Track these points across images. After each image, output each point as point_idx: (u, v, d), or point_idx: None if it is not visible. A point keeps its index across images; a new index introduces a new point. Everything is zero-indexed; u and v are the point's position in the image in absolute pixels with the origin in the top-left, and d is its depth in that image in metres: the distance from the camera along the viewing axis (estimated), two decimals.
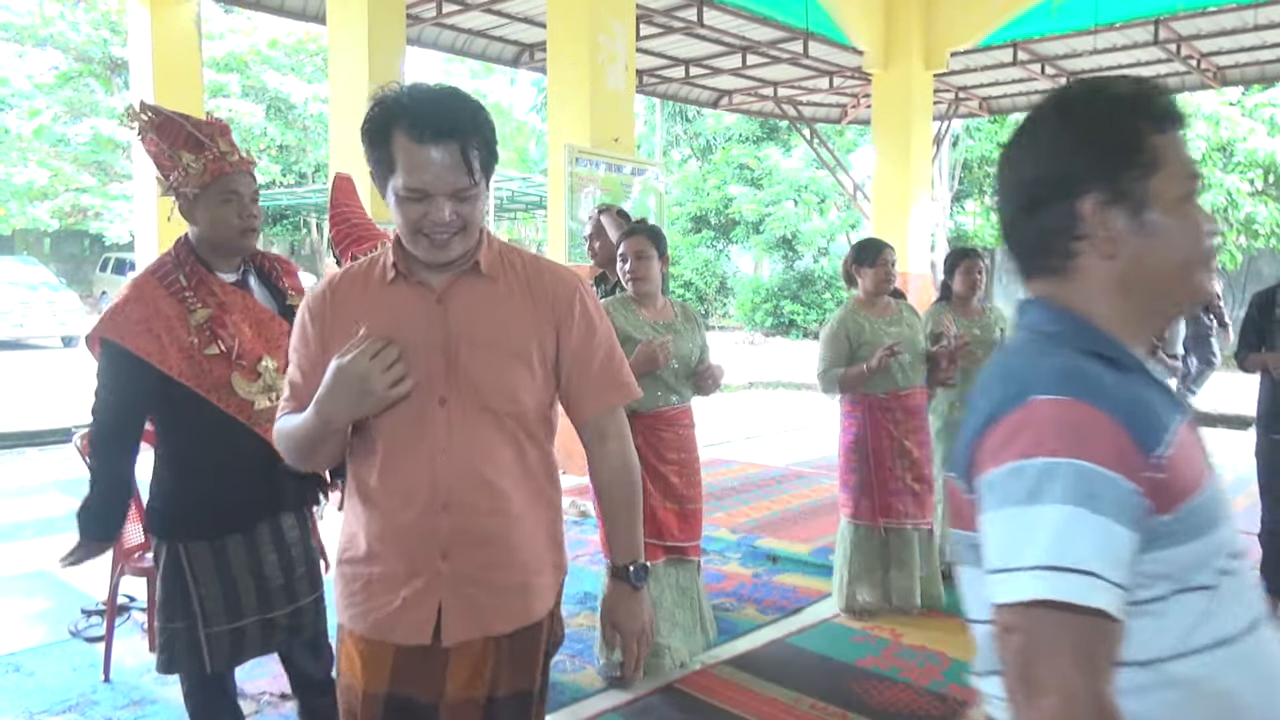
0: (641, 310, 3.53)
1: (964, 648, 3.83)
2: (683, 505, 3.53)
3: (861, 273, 4.25)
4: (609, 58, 7.33)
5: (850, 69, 11.81)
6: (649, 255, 3.49)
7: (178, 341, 2.35)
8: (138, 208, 8.37)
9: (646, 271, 3.49)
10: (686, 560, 3.60)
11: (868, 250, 4.29)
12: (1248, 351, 4.27)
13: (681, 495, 3.53)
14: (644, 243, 3.49)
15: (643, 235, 3.52)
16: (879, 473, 4.14)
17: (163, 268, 2.46)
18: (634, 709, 3.33)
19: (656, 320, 3.53)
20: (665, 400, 3.51)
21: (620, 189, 7.54)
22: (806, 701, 3.38)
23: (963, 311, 4.90)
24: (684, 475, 3.54)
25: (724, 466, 7.94)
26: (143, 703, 3.36)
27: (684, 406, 3.59)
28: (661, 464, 3.48)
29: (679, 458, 3.53)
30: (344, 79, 6.02)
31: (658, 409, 3.49)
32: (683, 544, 3.53)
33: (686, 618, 3.59)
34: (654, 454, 3.46)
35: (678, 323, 3.61)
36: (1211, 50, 11.09)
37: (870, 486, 4.16)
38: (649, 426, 3.45)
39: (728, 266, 26.49)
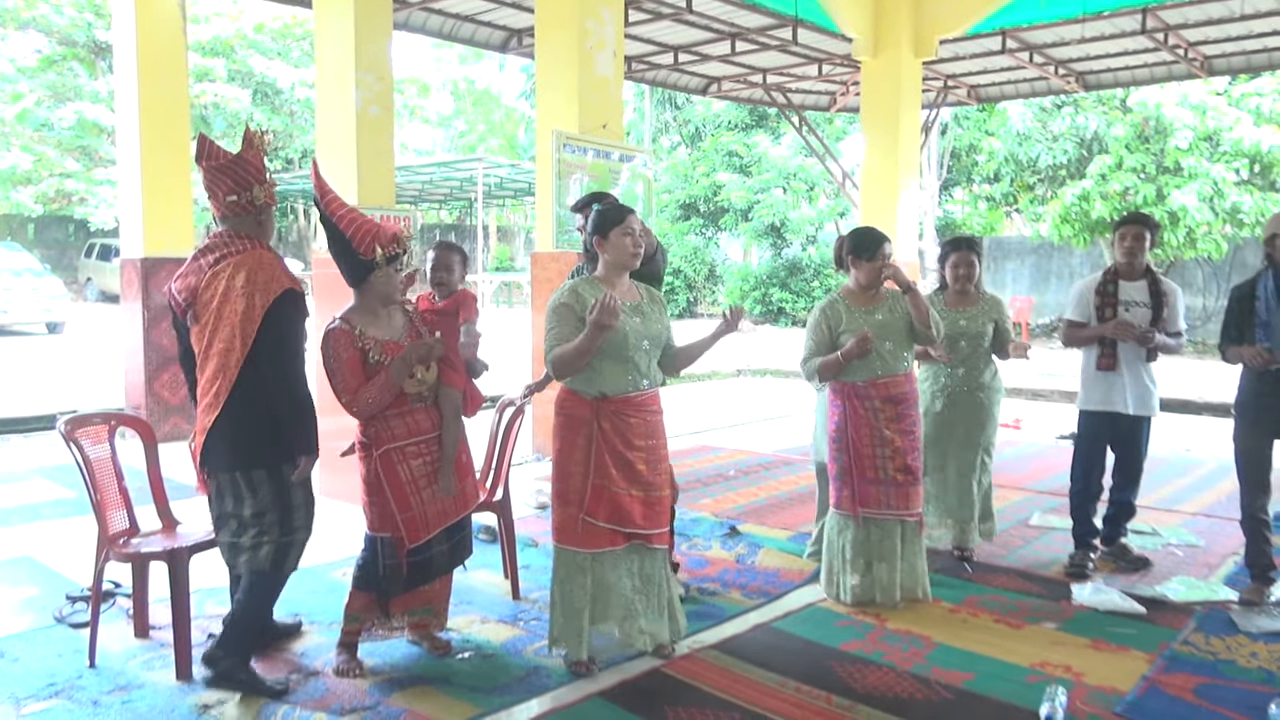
0: (610, 291, 3.46)
1: (949, 632, 3.89)
2: (648, 493, 3.47)
3: (857, 265, 4.19)
4: (597, 43, 7.30)
5: (839, 56, 11.79)
6: (649, 229, 3.54)
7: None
8: (122, 193, 8.30)
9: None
10: (651, 548, 3.54)
11: (865, 243, 4.18)
12: (1228, 343, 4.30)
13: (648, 482, 3.47)
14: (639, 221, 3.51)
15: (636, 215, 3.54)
16: (857, 461, 4.13)
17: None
18: (619, 693, 3.34)
19: (625, 301, 3.47)
20: (635, 384, 3.46)
21: (608, 175, 7.52)
22: (791, 685, 3.41)
23: (955, 302, 4.91)
24: (651, 462, 3.48)
25: (711, 453, 7.96)
26: (129, 688, 3.36)
27: (653, 391, 3.55)
28: (628, 450, 3.43)
29: (646, 444, 3.47)
30: (330, 64, 5.95)
31: (626, 393, 3.44)
32: (646, 531, 3.47)
33: (649, 606, 3.54)
34: (621, 439, 3.42)
35: (644, 304, 3.56)
36: (1199, 40, 11.11)
37: (849, 475, 4.15)
38: (616, 411, 3.42)
39: (716, 254, 26.47)
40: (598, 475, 3.40)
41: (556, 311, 3.42)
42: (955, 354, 4.81)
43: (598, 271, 3.55)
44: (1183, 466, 7.41)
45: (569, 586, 3.46)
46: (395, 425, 3.42)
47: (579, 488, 3.41)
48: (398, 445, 3.41)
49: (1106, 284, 4.60)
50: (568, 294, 3.44)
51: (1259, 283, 4.22)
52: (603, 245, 3.49)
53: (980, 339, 4.83)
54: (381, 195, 5.99)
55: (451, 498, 3.53)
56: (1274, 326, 4.10)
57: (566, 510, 3.44)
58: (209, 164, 3.30)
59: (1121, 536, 4.83)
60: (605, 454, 3.40)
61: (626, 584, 3.50)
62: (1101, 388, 4.61)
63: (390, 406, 3.40)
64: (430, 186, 27.71)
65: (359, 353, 3.35)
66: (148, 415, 7.94)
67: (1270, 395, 4.16)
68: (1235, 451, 4.38)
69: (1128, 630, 3.95)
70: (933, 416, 4.87)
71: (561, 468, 3.46)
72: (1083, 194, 16.92)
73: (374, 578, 3.46)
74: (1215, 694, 3.34)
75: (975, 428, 4.86)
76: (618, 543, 3.44)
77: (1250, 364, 4.15)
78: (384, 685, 3.37)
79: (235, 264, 3.22)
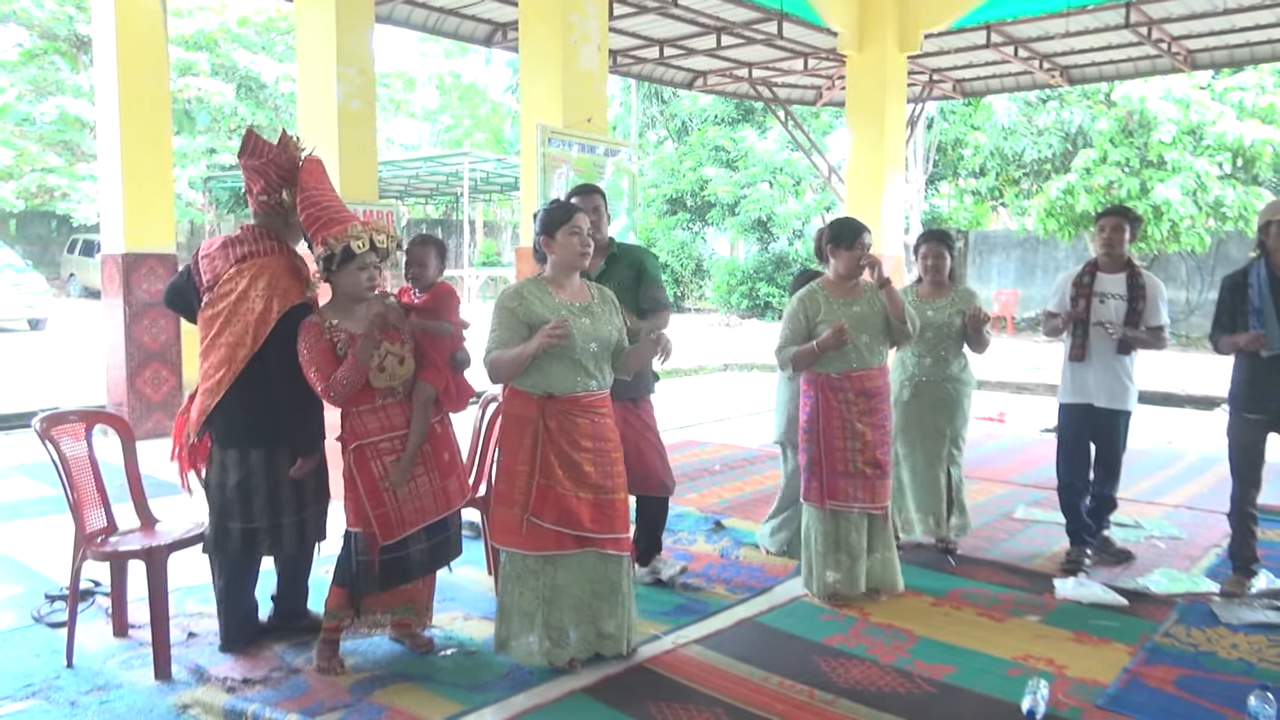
0: (557, 292, 3.43)
1: (931, 626, 3.89)
2: (599, 495, 3.39)
3: (836, 254, 4.19)
4: (582, 37, 7.27)
5: (825, 50, 11.79)
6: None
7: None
8: (102, 189, 8.22)
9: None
10: (608, 555, 3.44)
11: (844, 232, 4.18)
12: (1220, 333, 4.30)
13: (596, 484, 3.39)
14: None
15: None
16: (827, 454, 4.11)
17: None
18: (601, 688, 3.33)
19: (572, 302, 3.43)
20: (582, 385, 3.39)
21: (593, 170, 7.50)
22: (774, 679, 3.40)
23: (928, 293, 4.92)
24: (600, 464, 3.40)
25: (698, 448, 7.96)
26: (106, 688, 3.33)
27: (602, 393, 3.47)
28: (575, 451, 3.36)
29: (594, 445, 3.40)
30: (311, 57, 5.91)
31: (573, 394, 3.38)
32: (597, 535, 3.38)
33: (612, 612, 3.45)
34: (566, 440, 3.36)
35: (594, 304, 3.50)
36: (1182, 34, 11.15)
37: (819, 467, 4.13)
38: (563, 411, 3.36)
39: (703, 249, 26.48)
40: (543, 476, 3.34)
41: (498, 313, 3.38)
42: (923, 344, 4.83)
43: (545, 272, 3.50)
44: (1165, 459, 7.44)
45: (513, 589, 3.41)
46: (368, 420, 3.38)
47: (524, 488, 3.35)
48: (371, 441, 3.38)
49: (1083, 275, 4.61)
50: (511, 296, 3.39)
51: (1251, 271, 4.20)
52: (550, 245, 3.44)
53: (947, 330, 4.84)
54: (364, 190, 5.96)
55: (432, 496, 3.50)
56: (1267, 314, 4.09)
57: (509, 511, 3.37)
58: (247, 161, 3.53)
59: (1104, 529, 4.84)
60: (551, 454, 3.34)
61: (585, 588, 3.43)
62: (1076, 380, 4.63)
63: (363, 401, 3.37)
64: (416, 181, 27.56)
65: (329, 344, 3.33)
66: (129, 412, 7.88)
67: (1263, 384, 4.15)
68: (1229, 445, 4.37)
69: (1110, 623, 3.96)
70: (900, 406, 4.88)
71: (507, 468, 3.41)
72: (1067, 188, 16.99)
73: (349, 574, 3.43)
74: (1196, 686, 3.35)
75: (943, 419, 4.87)
76: (567, 545, 3.37)
77: (1245, 348, 4.14)
78: (365, 683, 3.35)
79: (261, 266, 3.46)
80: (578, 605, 3.43)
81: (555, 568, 3.40)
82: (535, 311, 3.35)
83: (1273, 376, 4.13)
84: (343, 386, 3.28)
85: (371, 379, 3.35)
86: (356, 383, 3.29)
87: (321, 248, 3.34)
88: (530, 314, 3.34)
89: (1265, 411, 4.18)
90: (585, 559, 3.42)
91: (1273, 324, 4.08)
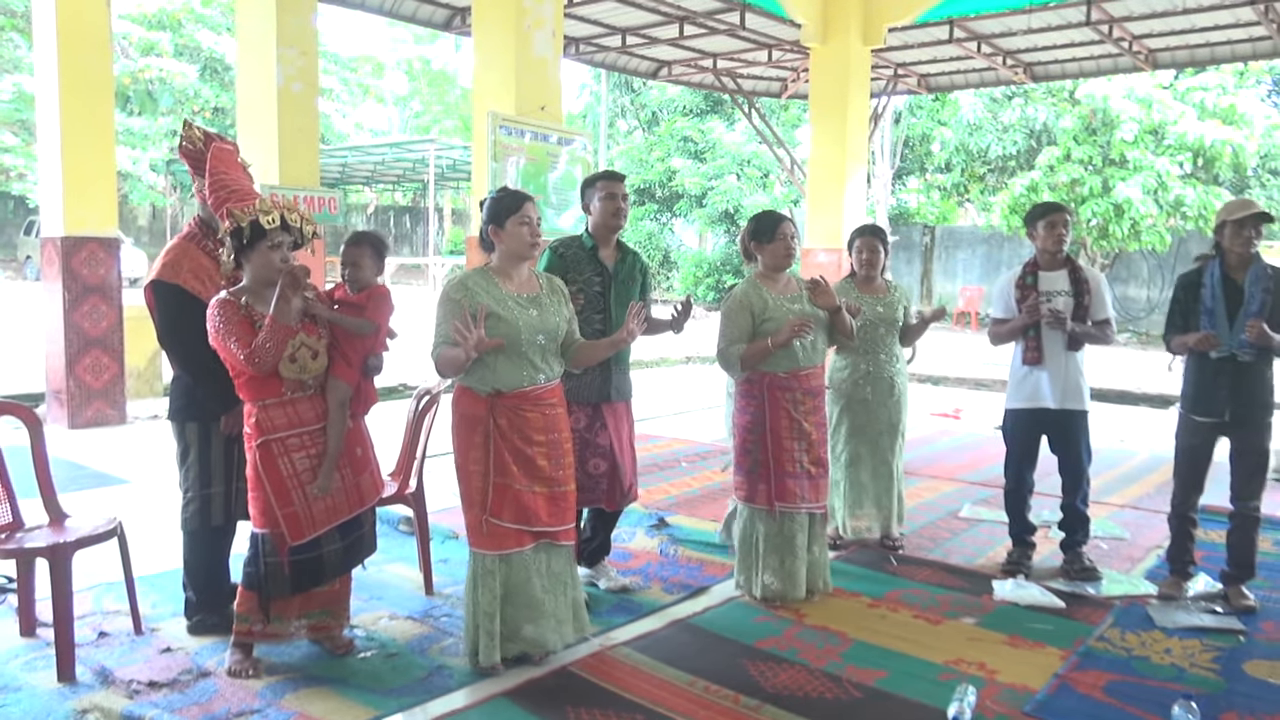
0: (504, 283, 3.34)
1: (866, 628, 3.84)
2: (552, 488, 3.37)
3: (761, 249, 4.13)
4: (535, 23, 7.16)
5: (789, 42, 11.73)
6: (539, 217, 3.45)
7: (216, 284, 3.42)
8: (41, 170, 7.97)
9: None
10: (558, 545, 3.44)
11: (764, 225, 4.13)
12: (1173, 333, 4.26)
13: (550, 478, 3.35)
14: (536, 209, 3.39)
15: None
16: (776, 455, 4.05)
17: (192, 236, 3.60)
18: (523, 693, 3.24)
19: (520, 293, 3.35)
20: (529, 379, 3.32)
21: (546, 158, 7.40)
22: (700, 684, 3.32)
23: (866, 289, 4.89)
24: (553, 457, 3.36)
25: (651, 442, 7.87)
26: (5, 689, 3.18)
27: (551, 385, 3.41)
28: (527, 445, 3.31)
29: (546, 438, 3.35)
30: (251, 37, 5.77)
31: (521, 388, 3.31)
32: (552, 529, 3.37)
33: (557, 606, 3.44)
34: (519, 435, 3.29)
35: (543, 296, 3.42)
36: (1143, 33, 11.20)
37: (767, 470, 4.06)
38: (512, 407, 3.29)
39: (671, 240, 26.39)
40: (498, 474, 3.28)
41: (442, 306, 3.28)
42: (874, 340, 4.81)
43: (492, 262, 3.41)
44: (1115, 458, 7.45)
45: (478, 590, 3.34)
46: (275, 415, 3.25)
47: (480, 488, 3.29)
48: (278, 436, 3.25)
49: (1026, 276, 4.55)
50: (456, 287, 3.29)
51: (1205, 271, 4.17)
52: (498, 234, 3.35)
53: (895, 325, 4.84)
54: (304, 176, 5.83)
55: (344, 493, 3.39)
56: (1218, 314, 4.06)
57: (472, 512, 3.33)
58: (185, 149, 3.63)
59: (1079, 545, 4.60)
60: (504, 451, 3.28)
61: (536, 585, 3.37)
62: (1028, 384, 4.53)
63: (270, 394, 3.24)
64: (383, 168, 27.29)
65: (246, 319, 3.20)
66: (69, 399, 7.69)
67: (1213, 386, 4.12)
68: (1176, 447, 4.33)
69: (1045, 626, 3.92)
70: (860, 404, 4.84)
71: (462, 468, 3.34)
72: (1031, 185, 17.07)
73: (257, 577, 3.31)
74: (1125, 691, 3.32)
75: (895, 413, 4.87)
76: (524, 542, 3.32)
77: (1196, 348, 4.10)
78: (278, 686, 3.24)
79: (170, 247, 3.62)
80: (532, 604, 3.37)
81: (510, 567, 3.33)
82: (481, 303, 3.24)
83: (1222, 379, 4.09)
84: (266, 351, 3.14)
85: (281, 369, 3.22)
86: (279, 345, 3.16)
87: (228, 221, 3.21)
88: (476, 306, 3.23)
89: (1214, 414, 4.14)
90: (536, 556, 3.38)
91: (1224, 324, 4.04)
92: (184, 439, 3.60)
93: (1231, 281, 4.09)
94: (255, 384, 3.24)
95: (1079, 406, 4.51)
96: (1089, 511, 4.60)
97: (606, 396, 4.06)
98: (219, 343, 3.20)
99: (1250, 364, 4.03)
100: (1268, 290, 4.00)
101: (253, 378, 3.22)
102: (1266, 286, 4.00)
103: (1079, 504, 4.54)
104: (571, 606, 3.50)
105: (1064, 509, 4.61)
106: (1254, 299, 3.99)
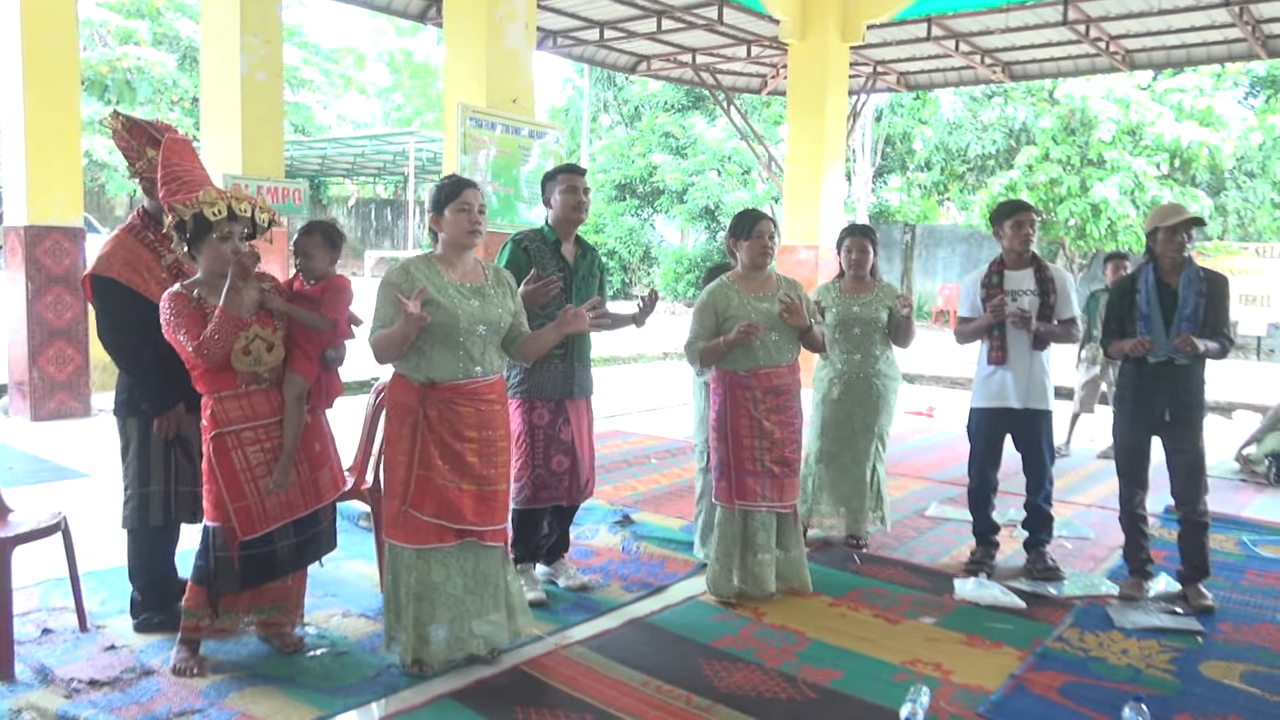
0: (447, 271, 3.26)
1: (825, 628, 3.81)
2: (481, 486, 3.26)
3: (738, 246, 4.11)
4: (508, 14, 7.09)
5: (768, 38, 11.69)
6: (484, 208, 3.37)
7: (155, 277, 3.39)
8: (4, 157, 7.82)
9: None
10: (485, 546, 3.32)
11: (742, 223, 4.12)
12: (1110, 339, 4.28)
13: (480, 475, 3.25)
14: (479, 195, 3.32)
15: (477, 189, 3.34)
16: (736, 452, 4.02)
17: (133, 228, 3.50)
18: (471, 693, 3.19)
19: (463, 282, 3.27)
20: (466, 371, 3.22)
21: (518, 151, 7.33)
22: (654, 684, 3.28)
23: (851, 288, 4.86)
24: (484, 454, 3.27)
25: (621, 438, 7.84)
26: None
27: (490, 379, 3.32)
28: (457, 440, 3.22)
29: (479, 435, 3.26)
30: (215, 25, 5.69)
31: (456, 380, 3.21)
32: (478, 528, 3.27)
33: (482, 607, 3.33)
34: (448, 429, 3.21)
35: (487, 286, 3.33)
36: (1120, 33, 11.21)
37: (728, 467, 4.04)
38: (444, 400, 3.21)
39: (652, 236, 26.33)
40: (422, 466, 3.20)
41: (382, 291, 3.20)
42: (850, 340, 4.77)
43: (436, 250, 3.35)
44: (1082, 457, 7.47)
45: (398, 586, 3.28)
46: (230, 407, 3.20)
47: (404, 478, 3.21)
48: (232, 429, 3.19)
49: (992, 275, 4.53)
50: (398, 273, 3.22)
51: (1139, 277, 4.20)
52: (439, 222, 3.29)
53: (875, 325, 4.79)
54: (268, 166, 5.74)
55: (300, 489, 3.33)
56: (1153, 319, 4.10)
57: (392, 502, 3.25)
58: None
59: (1042, 544, 4.58)
60: (430, 444, 3.20)
61: (457, 583, 3.28)
62: (993, 383, 4.52)
63: (225, 386, 3.18)
64: (363, 160, 27.13)
65: (197, 311, 3.14)
66: (32, 391, 7.58)
67: (1148, 389, 4.15)
68: (1115, 448, 4.38)
69: (1005, 626, 3.90)
70: (830, 403, 4.83)
71: (389, 458, 3.27)
72: (1010, 184, 17.11)
73: (206, 571, 3.25)
74: (1080, 693, 3.30)
75: (871, 414, 4.83)
76: (447, 539, 3.24)
77: (1131, 353, 4.12)
78: (222, 685, 3.17)
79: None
80: (452, 602, 3.27)
81: (429, 563, 3.24)
82: (420, 286, 3.17)
83: (1159, 383, 4.14)
84: (215, 343, 3.08)
85: (235, 362, 3.16)
86: (229, 336, 3.10)
87: (171, 215, 3.14)
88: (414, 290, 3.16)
89: (1153, 416, 4.17)
90: (461, 554, 3.28)
91: (1160, 329, 4.09)
92: (125, 434, 3.55)
93: (1166, 286, 4.13)
94: (210, 376, 3.19)
95: (1043, 406, 4.51)
96: (1052, 511, 4.60)
97: (570, 393, 4.02)
98: (170, 335, 3.15)
99: (1186, 367, 4.09)
100: (1200, 293, 4.07)
101: (208, 370, 3.17)
102: (1199, 289, 4.07)
103: (1042, 503, 4.53)
104: (506, 610, 3.39)
105: (1027, 508, 4.61)
106: (1188, 302, 4.06)
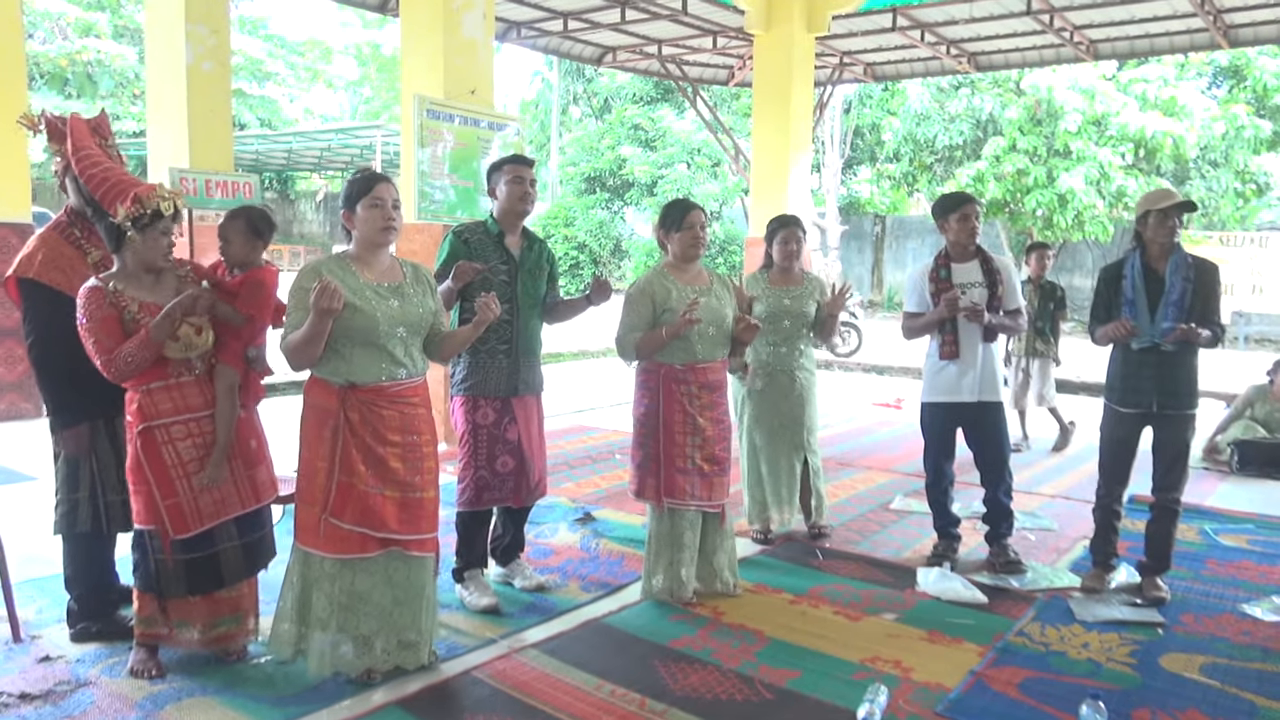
0: (362, 271, 3.13)
1: (784, 626, 3.74)
2: (405, 493, 3.12)
3: (670, 238, 4.01)
4: (465, 4, 6.96)
5: (733, 29, 11.61)
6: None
7: (82, 276, 3.17)
8: None
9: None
10: (411, 556, 3.17)
11: (672, 214, 4.02)
12: (1096, 325, 4.22)
13: (403, 482, 3.12)
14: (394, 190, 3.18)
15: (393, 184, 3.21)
16: (667, 449, 3.92)
17: (60, 226, 3.37)
18: (418, 700, 3.10)
19: (379, 282, 3.14)
20: (389, 374, 3.10)
21: (477, 144, 7.20)
22: (607, 687, 3.21)
23: (780, 280, 4.81)
24: (408, 459, 3.15)
25: (586, 434, 7.76)
26: None
27: (414, 382, 3.20)
28: (380, 445, 3.10)
29: (403, 440, 3.14)
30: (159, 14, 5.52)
31: (379, 383, 3.08)
32: (401, 537, 3.13)
33: (414, 620, 3.20)
34: (370, 433, 3.08)
35: (406, 285, 3.20)
36: (1083, 23, 11.22)
37: (656, 464, 3.94)
38: (367, 402, 3.08)
39: (622, 228, 26.21)
40: (344, 472, 3.06)
41: (293, 295, 3.05)
42: (778, 332, 4.72)
43: (350, 248, 3.20)
44: (1048, 448, 7.47)
45: (308, 594, 3.12)
46: (160, 400, 3.07)
47: (324, 485, 3.07)
48: (162, 423, 3.07)
49: (939, 269, 4.48)
50: (308, 275, 3.04)
51: (1126, 263, 4.15)
52: (350, 219, 3.14)
53: (803, 318, 4.75)
54: (216, 160, 5.60)
55: (235, 487, 3.22)
56: (1139, 305, 4.03)
57: (309, 510, 3.10)
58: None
59: (1004, 537, 4.54)
60: (353, 449, 3.06)
61: (385, 594, 3.15)
62: (944, 378, 4.47)
63: (155, 378, 3.06)
64: (329, 154, 26.75)
65: (115, 310, 3.00)
66: None
67: (1136, 377, 4.08)
68: (1100, 439, 4.29)
69: (966, 621, 3.86)
70: (755, 395, 4.79)
71: (307, 463, 3.12)
72: (977, 175, 17.16)
73: (150, 577, 3.13)
74: (1039, 689, 3.25)
75: (798, 407, 4.79)
76: (370, 547, 3.10)
77: (1116, 338, 4.07)
78: (158, 696, 3.06)
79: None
80: (379, 613, 3.15)
81: (354, 572, 3.11)
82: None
83: (1145, 370, 4.06)
84: (127, 364, 2.96)
85: (166, 350, 3.03)
86: (144, 361, 2.98)
87: (132, 207, 2.99)
88: None
89: (1141, 405, 4.10)
90: (387, 562, 3.15)
91: (1145, 315, 4.02)
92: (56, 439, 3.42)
93: (1153, 272, 4.06)
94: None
95: (994, 398, 4.47)
96: (1013, 504, 4.55)
97: (515, 390, 3.91)
98: (82, 333, 3.01)
99: (1174, 354, 4.00)
100: (1188, 279, 3.99)
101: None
102: (1187, 275, 3.99)
103: (1002, 496, 4.49)
104: (422, 627, 3.24)
105: (987, 502, 4.55)
106: (1174, 288, 3.98)
